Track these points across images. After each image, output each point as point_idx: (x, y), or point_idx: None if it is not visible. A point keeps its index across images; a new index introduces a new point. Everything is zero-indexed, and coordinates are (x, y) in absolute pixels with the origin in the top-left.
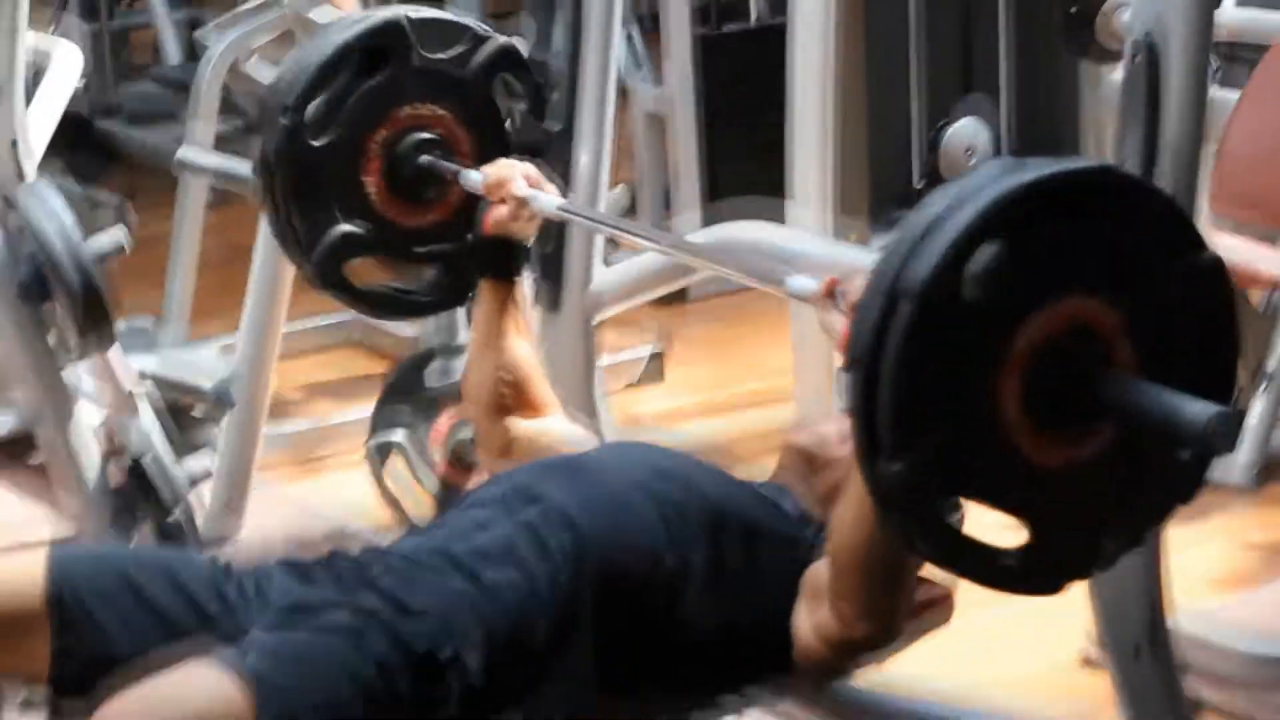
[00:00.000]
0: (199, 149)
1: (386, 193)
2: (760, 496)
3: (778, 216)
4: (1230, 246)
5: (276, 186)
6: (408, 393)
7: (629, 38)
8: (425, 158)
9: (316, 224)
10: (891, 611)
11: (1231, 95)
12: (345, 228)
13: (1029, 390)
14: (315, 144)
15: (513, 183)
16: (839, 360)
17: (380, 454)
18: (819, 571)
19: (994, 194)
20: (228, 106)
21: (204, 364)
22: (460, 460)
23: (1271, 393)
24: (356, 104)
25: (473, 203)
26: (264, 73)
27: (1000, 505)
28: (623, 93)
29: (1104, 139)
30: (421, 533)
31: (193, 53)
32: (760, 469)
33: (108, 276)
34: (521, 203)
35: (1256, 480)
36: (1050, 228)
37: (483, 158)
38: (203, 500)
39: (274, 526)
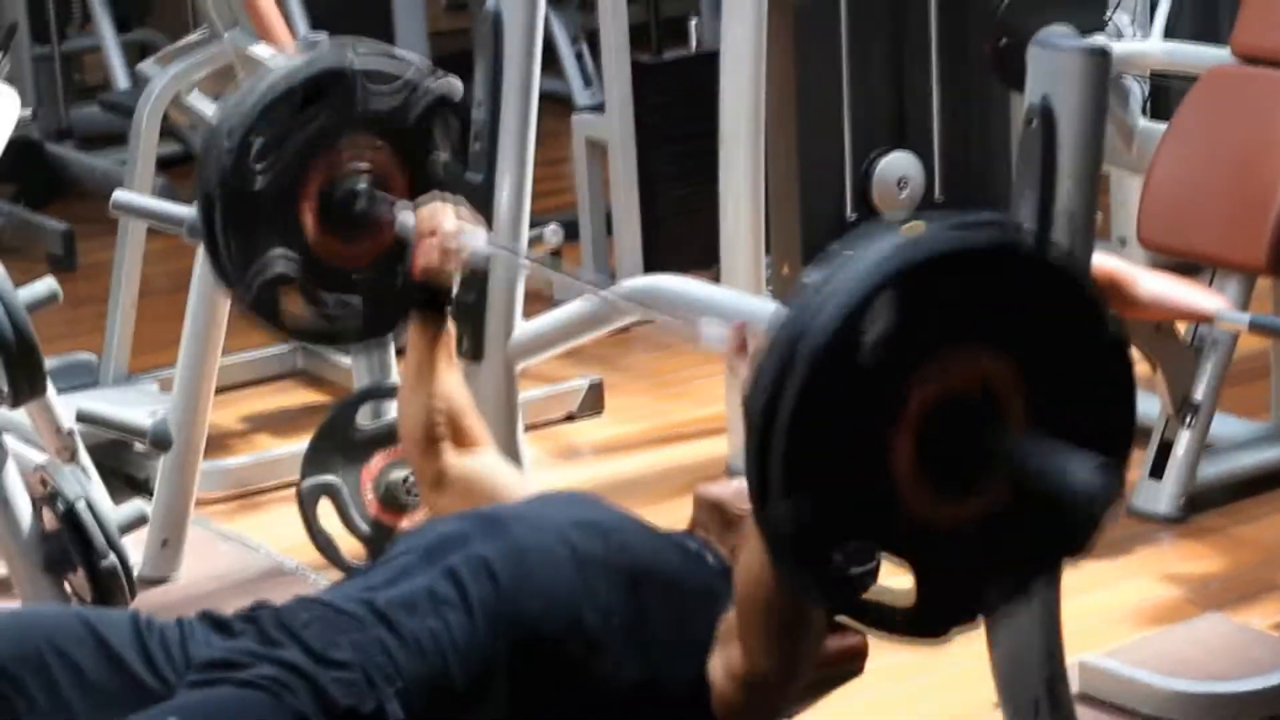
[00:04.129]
0: (135, 193)
1: (322, 226)
2: (682, 549)
3: None
4: (1158, 279)
5: (215, 220)
6: (340, 434)
7: (579, 56)
8: (361, 193)
9: (253, 257)
10: (794, 651)
11: (1159, 127)
12: (281, 259)
13: (921, 445)
14: (255, 180)
15: (444, 220)
16: None
17: (312, 496)
18: (730, 615)
19: (891, 258)
20: (170, 132)
21: (144, 399)
22: (393, 501)
23: (1197, 425)
24: (296, 138)
25: (405, 239)
26: (205, 106)
27: (890, 553)
28: (565, 117)
29: None
30: (347, 580)
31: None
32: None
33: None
34: (452, 239)
35: (1182, 512)
36: (946, 289)
37: (417, 194)
38: (138, 543)
39: (212, 566)
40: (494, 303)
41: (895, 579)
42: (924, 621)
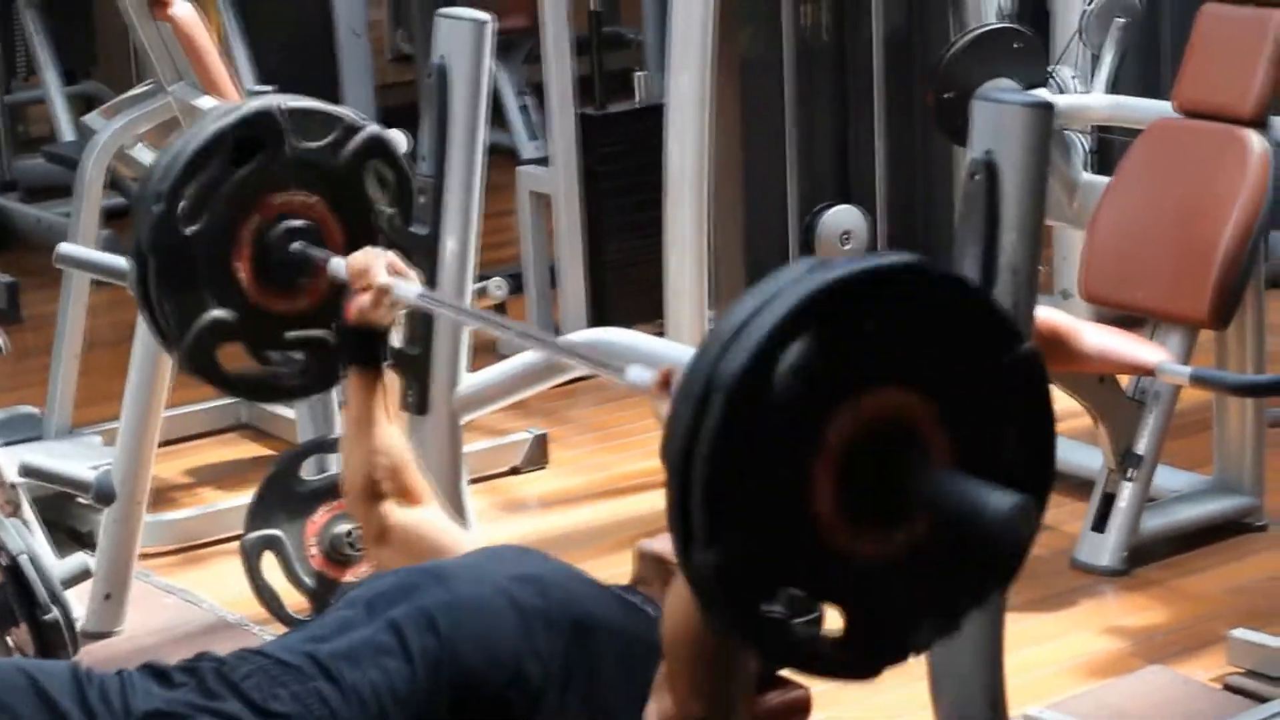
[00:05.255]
0: (79, 246)
1: (257, 279)
2: (624, 602)
3: None
4: (1101, 333)
5: (149, 274)
6: (284, 488)
7: (524, 108)
8: (295, 245)
9: (188, 310)
10: (724, 692)
11: (1102, 181)
12: (216, 314)
13: (842, 481)
14: (187, 232)
15: (375, 271)
16: None
17: (256, 550)
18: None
19: (803, 291)
20: (115, 184)
21: (88, 453)
22: (337, 554)
23: (1140, 478)
24: (228, 192)
25: (340, 290)
26: (150, 159)
27: (815, 594)
28: (510, 170)
29: None
30: (290, 632)
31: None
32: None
33: None
34: (383, 291)
35: (1125, 565)
36: (861, 322)
37: (352, 245)
38: (82, 596)
39: (155, 619)
40: (439, 355)
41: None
42: (854, 661)
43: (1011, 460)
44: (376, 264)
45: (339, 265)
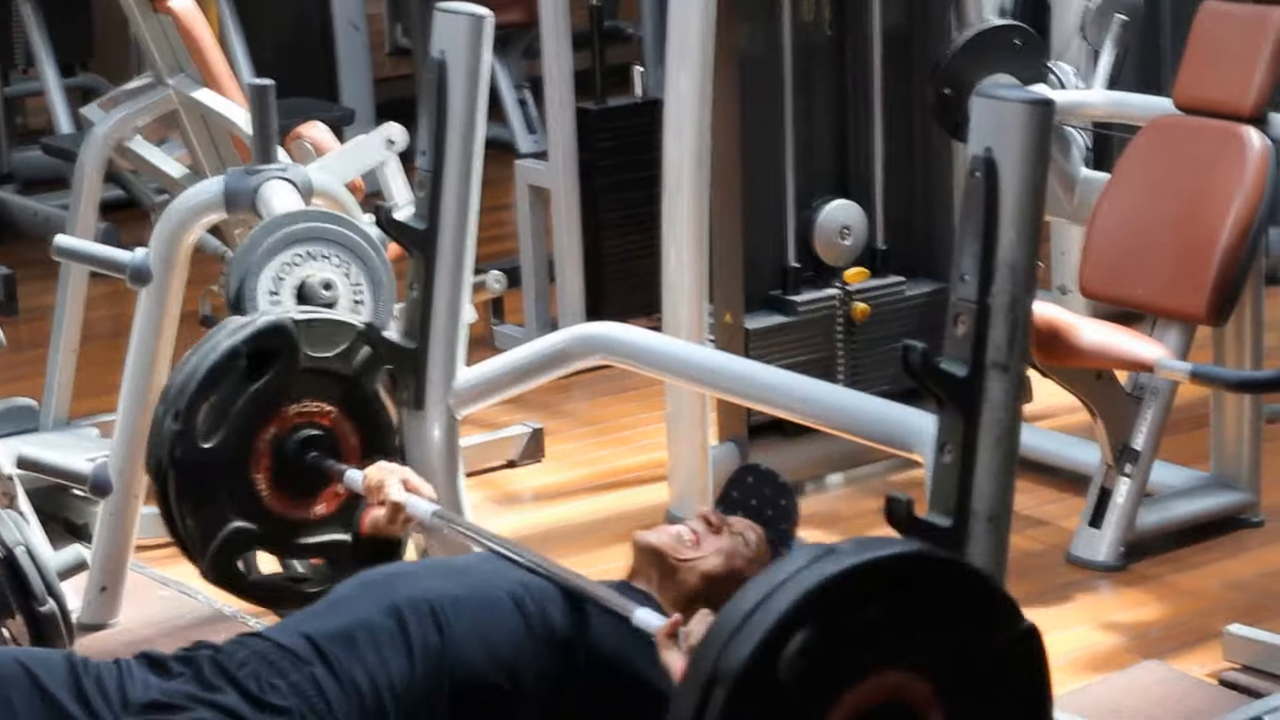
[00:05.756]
0: (77, 238)
1: (275, 489)
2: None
3: None
4: (1099, 328)
5: (169, 489)
6: None
7: (522, 103)
8: (312, 455)
9: (209, 522)
10: None
11: (1101, 177)
12: (236, 524)
13: None
14: (205, 446)
15: (389, 487)
16: (713, 439)
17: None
18: None
19: (808, 583)
20: (113, 177)
21: (85, 445)
22: None
23: (1137, 473)
24: (245, 405)
25: (357, 495)
26: (148, 151)
27: None
28: (509, 164)
29: None
30: (288, 618)
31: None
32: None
33: None
34: (397, 507)
35: (1121, 560)
36: (863, 610)
37: (368, 449)
38: (78, 588)
39: (151, 611)
40: (434, 350)
41: None
42: None
43: None
44: (392, 480)
45: (355, 478)
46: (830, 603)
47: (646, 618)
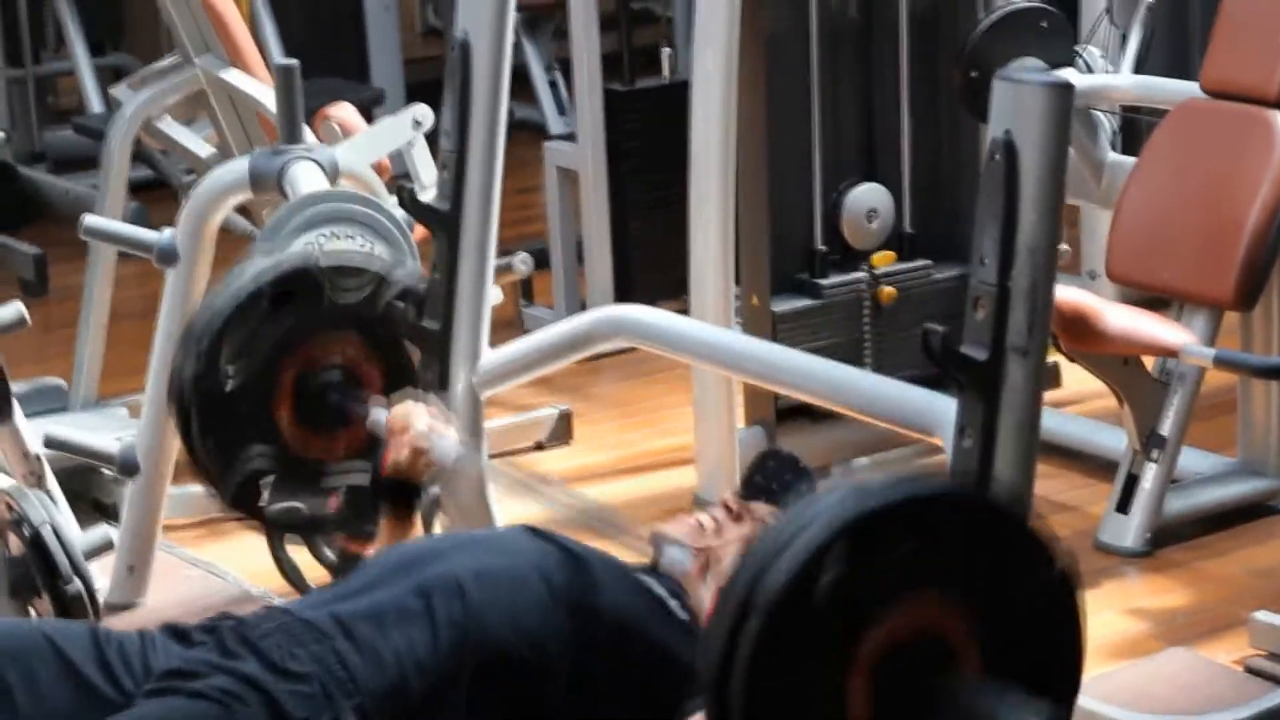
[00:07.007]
0: (106, 218)
1: (297, 425)
2: (649, 593)
3: None
4: (1126, 313)
5: (192, 424)
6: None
7: (552, 84)
8: (334, 394)
9: (231, 457)
10: None
11: (1129, 161)
12: (258, 459)
13: (874, 693)
14: (228, 383)
15: (414, 421)
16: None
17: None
18: None
19: (843, 514)
20: (142, 156)
21: (113, 425)
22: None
23: (1164, 459)
24: (268, 343)
25: (376, 434)
26: (177, 131)
27: None
28: (538, 145)
29: None
30: (318, 589)
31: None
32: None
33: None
34: (422, 441)
35: (1148, 546)
36: (895, 539)
37: (389, 387)
38: (105, 568)
39: (178, 591)
40: (459, 331)
41: None
42: None
43: (1041, 671)
44: (417, 414)
45: (379, 411)
46: (865, 533)
47: (674, 554)
